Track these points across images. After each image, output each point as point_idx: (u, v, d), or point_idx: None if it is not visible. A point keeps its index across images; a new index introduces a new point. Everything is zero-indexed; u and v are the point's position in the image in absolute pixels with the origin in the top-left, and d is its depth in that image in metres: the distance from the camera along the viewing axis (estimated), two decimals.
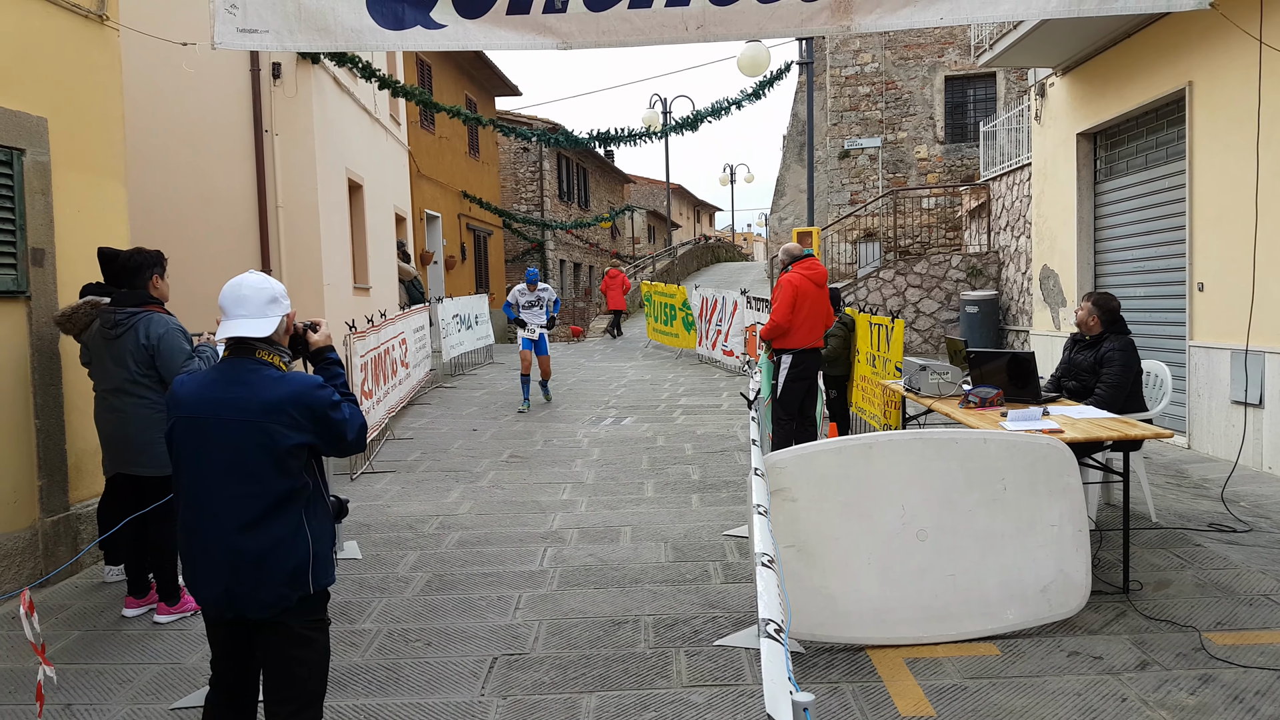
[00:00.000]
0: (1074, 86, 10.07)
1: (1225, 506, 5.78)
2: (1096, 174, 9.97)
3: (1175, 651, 3.69)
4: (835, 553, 3.89)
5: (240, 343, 2.49)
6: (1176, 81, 7.96)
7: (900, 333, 6.44)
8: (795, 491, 3.89)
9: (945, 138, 21.50)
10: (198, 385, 2.50)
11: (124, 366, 4.35)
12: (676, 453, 8.28)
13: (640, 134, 14.32)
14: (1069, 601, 4.01)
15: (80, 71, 5.60)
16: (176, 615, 4.43)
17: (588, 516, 6.20)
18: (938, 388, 5.37)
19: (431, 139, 19.10)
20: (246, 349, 2.49)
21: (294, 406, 2.41)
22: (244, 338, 2.47)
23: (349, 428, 2.51)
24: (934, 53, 21.66)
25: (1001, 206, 14.31)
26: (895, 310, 14.46)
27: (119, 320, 4.37)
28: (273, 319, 2.50)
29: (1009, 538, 3.98)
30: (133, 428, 4.38)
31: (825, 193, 22.19)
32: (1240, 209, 7.03)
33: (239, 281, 2.53)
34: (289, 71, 10.11)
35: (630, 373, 14.42)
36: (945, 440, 4.00)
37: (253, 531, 2.39)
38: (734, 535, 5.57)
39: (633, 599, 4.56)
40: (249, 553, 2.39)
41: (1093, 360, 5.33)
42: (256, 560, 2.39)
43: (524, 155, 26.18)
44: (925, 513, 3.92)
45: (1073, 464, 4.04)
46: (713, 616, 4.28)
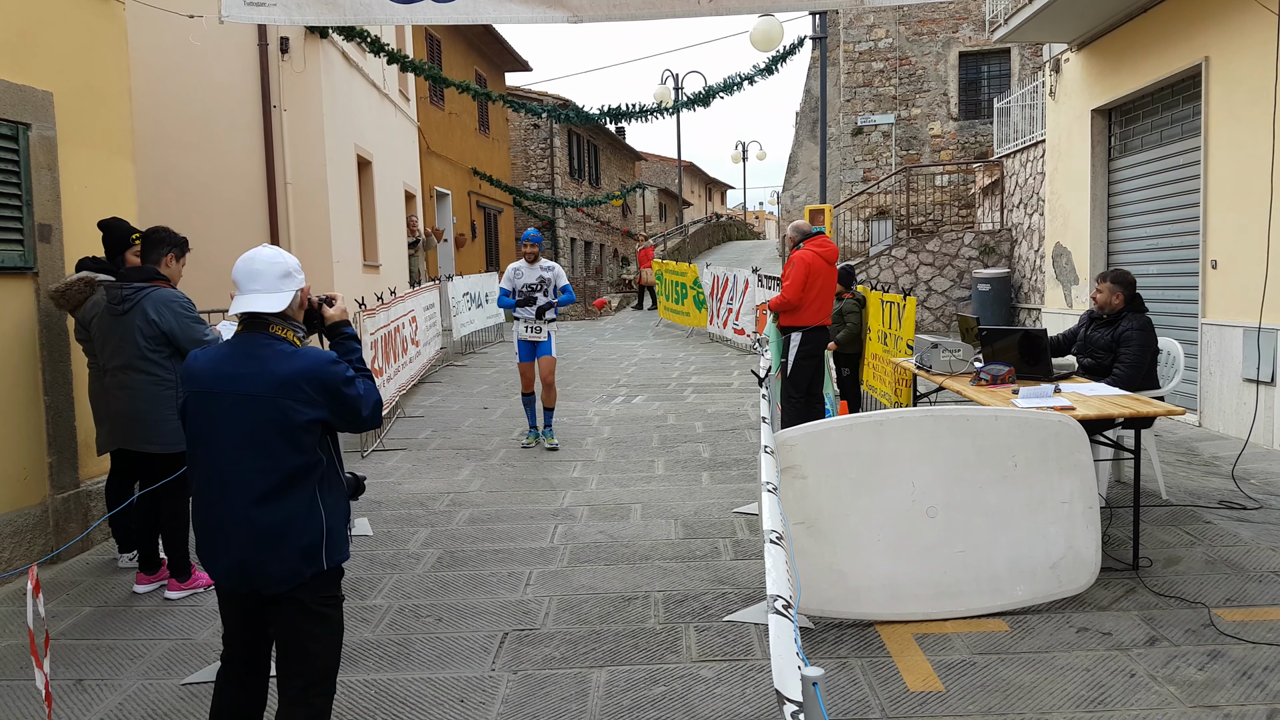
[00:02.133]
0: (1089, 62, 9.92)
1: (1236, 484, 5.75)
2: (1111, 151, 9.85)
3: (1184, 628, 3.68)
4: (845, 529, 3.89)
5: (254, 318, 2.47)
6: (1193, 57, 7.83)
7: (912, 310, 6.40)
8: (805, 469, 3.89)
9: (959, 114, 21.26)
10: (211, 360, 2.49)
11: (133, 343, 4.31)
12: (687, 431, 8.28)
13: (652, 110, 14.23)
14: (1079, 578, 4.00)
15: (86, 46, 5.59)
16: (188, 591, 4.47)
17: (598, 494, 6.21)
18: (949, 365, 5.34)
19: (441, 115, 19.01)
20: (260, 324, 2.47)
21: (307, 382, 2.39)
22: (257, 313, 2.46)
23: (364, 404, 2.49)
24: (948, 28, 21.38)
25: (1015, 184, 14.17)
26: (907, 288, 14.38)
27: (125, 296, 4.33)
28: (286, 294, 2.48)
29: (1019, 514, 3.97)
30: (144, 404, 4.36)
31: (838, 170, 22.02)
32: (1255, 186, 6.93)
33: (252, 256, 2.50)
34: (297, 46, 10.06)
35: (641, 351, 14.41)
36: (956, 417, 3.98)
37: (266, 506, 2.39)
38: (744, 512, 5.58)
39: (643, 575, 4.58)
40: (262, 527, 2.39)
41: (1110, 339, 5.28)
42: (270, 534, 2.39)
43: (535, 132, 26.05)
44: (935, 489, 3.91)
45: (1084, 441, 4.01)
46: (722, 593, 4.29)
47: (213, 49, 9.73)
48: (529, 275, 7.53)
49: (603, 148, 31.27)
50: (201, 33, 7.42)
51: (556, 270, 7.64)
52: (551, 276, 7.57)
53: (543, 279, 7.51)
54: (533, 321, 7.49)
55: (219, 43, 9.72)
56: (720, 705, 3.23)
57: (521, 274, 7.56)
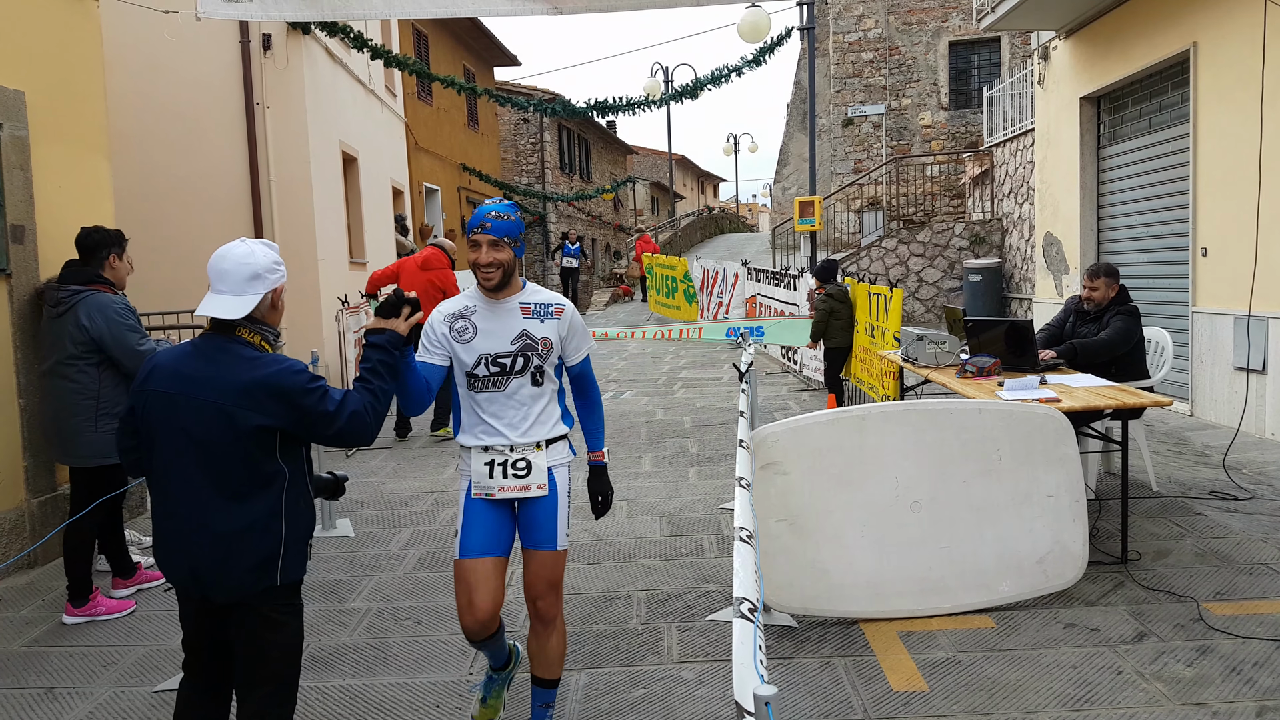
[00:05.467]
0: (1077, 49, 9.86)
1: (1227, 474, 5.71)
2: (1100, 138, 9.79)
3: (1173, 622, 3.63)
4: (828, 526, 3.83)
5: (221, 319, 2.37)
6: (1181, 42, 7.77)
7: (898, 302, 6.34)
8: (787, 464, 3.83)
9: (949, 104, 21.19)
10: (171, 359, 2.41)
11: (62, 348, 4.10)
12: (675, 426, 8.22)
13: (640, 102, 14.12)
14: (1066, 573, 3.96)
15: (60, 43, 5.49)
16: (85, 618, 4.15)
17: (583, 491, 6.06)
18: (935, 357, 5.28)
19: (429, 111, 18.88)
20: (226, 325, 2.38)
21: (263, 390, 2.29)
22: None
23: (334, 418, 2.33)
24: (937, 17, 21.30)
25: (1005, 173, 14.12)
26: (897, 280, 14.33)
27: (61, 298, 4.13)
28: (252, 297, 2.36)
29: (1005, 509, 3.92)
30: (62, 414, 4.11)
31: (829, 161, 21.94)
32: (1244, 172, 6.88)
33: (224, 252, 2.38)
34: (279, 43, 9.95)
35: (631, 346, 14.35)
36: (939, 410, 3.92)
37: (218, 515, 2.31)
38: (730, 508, 5.52)
39: (626, 574, 4.52)
40: (214, 535, 2.31)
41: (1096, 332, 5.23)
42: (222, 543, 2.31)
43: (524, 127, 25.91)
44: (919, 484, 3.85)
45: (1069, 433, 3.96)
46: (705, 591, 4.24)
47: (193, 46, 9.62)
48: (492, 321, 2.83)
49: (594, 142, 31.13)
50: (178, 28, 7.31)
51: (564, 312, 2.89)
52: (556, 328, 2.86)
53: (527, 335, 2.81)
54: (506, 447, 2.80)
55: (200, 40, 9.61)
56: (700, 708, 3.17)
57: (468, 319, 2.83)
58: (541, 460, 2.81)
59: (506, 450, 2.79)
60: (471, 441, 2.82)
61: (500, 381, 2.78)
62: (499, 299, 2.80)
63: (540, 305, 2.84)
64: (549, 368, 2.82)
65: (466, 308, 2.83)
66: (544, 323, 2.82)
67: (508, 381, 2.78)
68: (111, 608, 4.19)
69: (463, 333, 2.78)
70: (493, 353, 2.76)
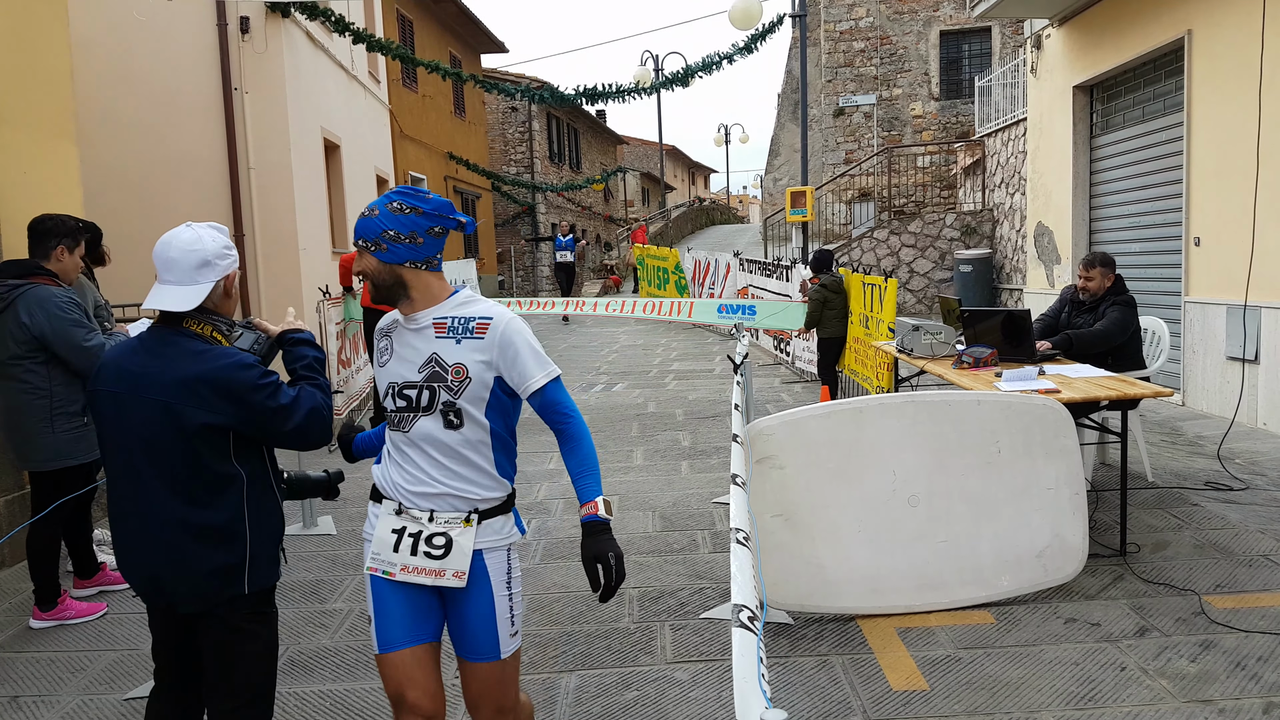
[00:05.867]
0: (1070, 38, 9.77)
1: (1221, 464, 5.65)
2: (1093, 128, 9.72)
3: (1175, 616, 3.56)
4: (824, 521, 3.74)
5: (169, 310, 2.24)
6: (1175, 30, 7.69)
7: (893, 293, 6.25)
8: (783, 458, 3.73)
9: (940, 94, 21.11)
10: (119, 355, 2.27)
11: (5, 346, 3.82)
12: (667, 419, 8.11)
13: (630, 90, 13.97)
14: (1065, 567, 3.88)
15: (22, 23, 5.30)
16: (53, 622, 3.99)
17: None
18: (930, 348, 5.19)
19: (415, 98, 18.64)
20: (175, 317, 2.24)
21: (207, 385, 2.14)
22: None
23: (288, 415, 2.20)
24: (929, 6, 21.19)
25: (996, 163, 14.05)
26: (889, 270, 14.25)
27: (0, 294, 3.81)
28: (201, 286, 2.21)
29: (1003, 502, 3.83)
30: (14, 416, 3.84)
31: (820, 152, 21.83)
32: (1239, 161, 6.82)
33: (168, 239, 2.23)
34: (258, 26, 9.73)
35: (622, 338, 14.23)
36: (937, 402, 3.83)
37: (176, 519, 2.18)
38: (723, 503, 5.42)
39: None
40: (172, 541, 2.18)
41: (1093, 323, 5.14)
42: (180, 550, 2.18)
43: (513, 115, 25.65)
44: (917, 478, 3.76)
45: (1069, 425, 3.88)
46: (699, 588, 4.14)
47: (168, 29, 9.40)
48: (405, 341, 2.21)
49: (583, 131, 30.91)
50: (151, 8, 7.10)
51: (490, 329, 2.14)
52: (477, 351, 2.14)
53: (437, 360, 2.14)
54: (423, 514, 2.17)
55: (175, 22, 9.39)
56: (695, 710, 3.07)
57: (391, 336, 2.26)
58: (467, 540, 2.13)
59: (423, 519, 2.14)
60: (387, 489, 2.21)
61: (405, 420, 2.17)
62: (412, 313, 2.19)
63: (459, 321, 2.14)
64: (471, 406, 2.12)
65: (392, 323, 2.26)
66: (460, 343, 2.12)
67: (413, 421, 2.15)
68: (81, 611, 4.04)
69: (382, 353, 2.25)
70: (400, 382, 2.17)
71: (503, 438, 2.21)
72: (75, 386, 3.83)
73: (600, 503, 2.17)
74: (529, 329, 2.21)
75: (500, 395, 2.16)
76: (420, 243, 2.13)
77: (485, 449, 2.18)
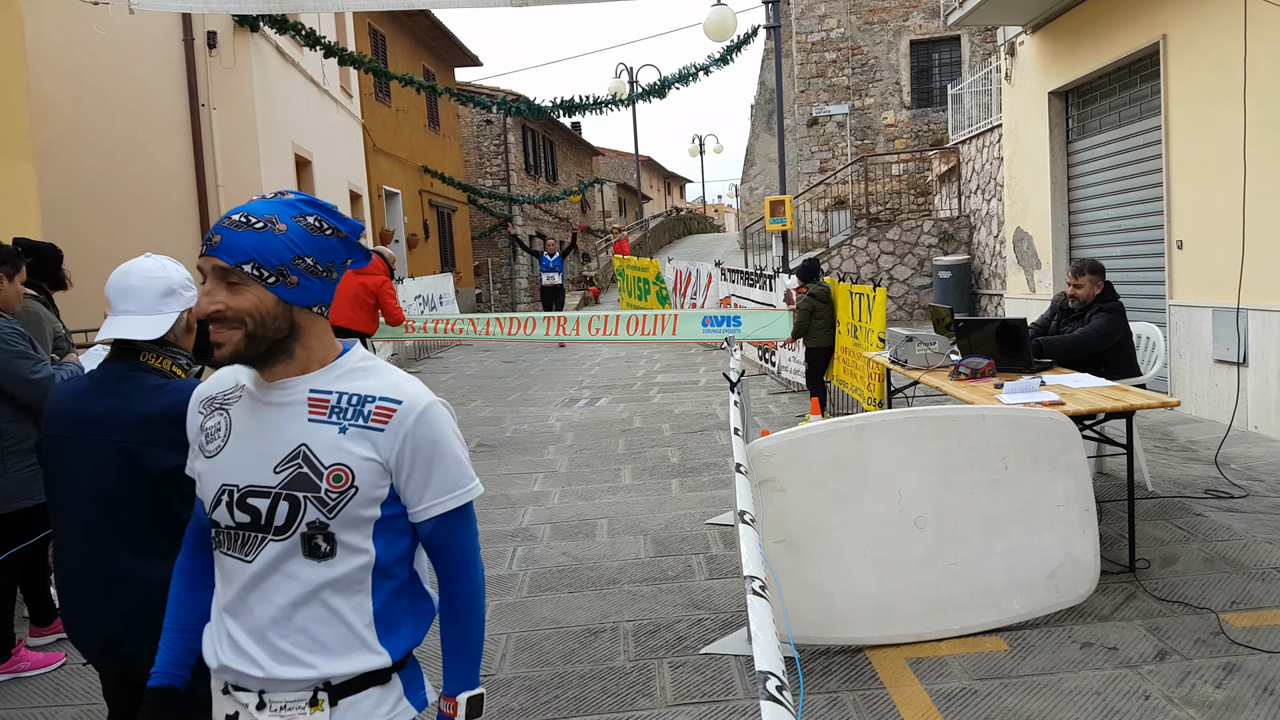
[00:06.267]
0: (1044, 44, 9.77)
1: (1219, 470, 5.57)
2: (1069, 133, 9.71)
3: (1193, 637, 3.44)
4: (828, 545, 3.58)
5: (124, 345, 2.07)
6: (1150, 35, 7.68)
7: (882, 302, 6.13)
8: (784, 480, 3.57)
9: (912, 103, 21.22)
10: (66, 396, 2.09)
11: None
12: (654, 434, 7.94)
13: (606, 102, 13.85)
14: (1078, 587, 3.75)
15: None
16: (7, 675, 3.72)
17: (561, 509, 5.85)
18: (925, 359, 5.07)
19: (388, 112, 18.40)
20: (130, 352, 2.07)
21: (171, 423, 1.94)
22: (129, 339, 2.04)
23: None
24: (899, 16, 21.33)
25: (972, 170, 14.06)
26: (869, 277, 14.21)
27: None
28: (166, 316, 2.05)
29: (1012, 520, 3.70)
30: None
31: (795, 161, 21.84)
32: (1219, 163, 6.79)
33: (127, 269, 2.07)
34: (226, 41, 9.52)
35: (605, 349, 14.06)
36: (941, 418, 3.69)
37: (134, 576, 1.99)
38: (717, 524, 5.26)
39: (610, 603, 4.23)
40: (128, 600, 1.99)
41: None
42: (139, 611, 1.97)
43: (488, 128, 25.44)
44: (923, 497, 3.62)
45: (1076, 438, 3.76)
46: (698, 619, 3.96)
47: (133, 44, 9.16)
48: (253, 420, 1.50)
49: (559, 143, 30.76)
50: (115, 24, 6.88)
51: (397, 418, 1.46)
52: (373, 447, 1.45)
53: (306, 455, 1.44)
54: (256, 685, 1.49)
55: (140, 38, 9.16)
56: None
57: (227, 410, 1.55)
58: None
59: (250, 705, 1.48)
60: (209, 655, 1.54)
61: (248, 544, 1.46)
62: (271, 380, 1.48)
63: (350, 399, 1.45)
64: (345, 531, 1.43)
65: (234, 389, 1.55)
66: (347, 432, 1.44)
67: (259, 547, 1.45)
68: (36, 662, 3.77)
69: (212, 436, 1.53)
70: (242, 484, 1.46)
71: (396, 575, 1.49)
72: (27, 422, 3.58)
73: (463, 702, 1.50)
74: (453, 420, 1.55)
75: (398, 515, 1.49)
76: (334, 279, 1.50)
77: (362, 594, 1.46)
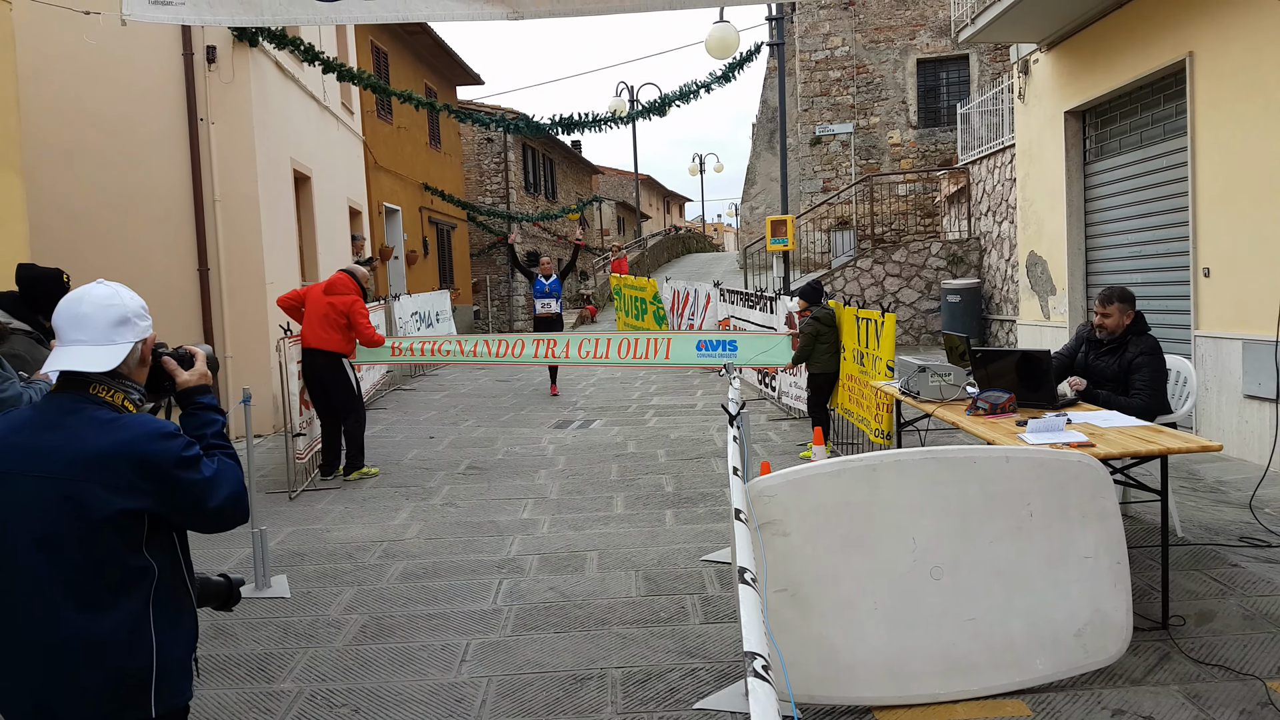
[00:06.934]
0: (1060, 62, 9.53)
1: (1253, 515, 5.25)
2: (1086, 154, 9.45)
3: (1238, 708, 3.12)
4: (835, 596, 3.28)
5: (72, 376, 1.88)
6: (1176, 52, 7.43)
7: (891, 328, 5.84)
8: (787, 524, 3.27)
9: (918, 122, 21.02)
10: (6, 428, 1.88)
11: None
12: (648, 460, 7.64)
13: (606, 119, 13.63)
14: (1108, 647, 3.43)
15: None
16: None
17: (550, 539, 5.55)
18: (940, 391, 4.77)
19: (389, 129, 18.24)
20: (78, 383, 1.88)
21: (124, 460, 1.79)
22: (77, 371, 1.86)
23: (212, 491, 1.87)
24: (905, 35, 21.17)
25: (982, 191, 13.81)
26: (874, 300, 13.93)
27: None
28: (120, 346, 1.89)
29: (1037, 573, 3.39)
30: None
31: (797, 180, 21.63)
32: (1250, 186, 6.51)
33: (78, 296, 1.92)
34: (225, 55, 9.30)
35: (600, 370, 13.76)
36: (961, 459, 3.39)
37: (66, 628, 1.79)
38: (713, 560, 4.95)
39: (598, 646, 3.92)
40: (60, 656, 1.78)
41: (1118, 368, 4.71)
42: (71, 666, 1.78)
43: (488, 146, 25.33)
44: (940, 546, 3.32)
45: (1108, 484, 3.46)
46: (691, 669, 3.65)
47: (131, 57, 8.95)
48: None
49: (559, 161, 30.64)
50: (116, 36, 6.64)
51: None
52: None
53: None
54: None
55: (138, 51, 8.95)
56: None
57: None
58: None
59: None
60: None
61: None
62: None
63: None
64: None
65: None
66: None
67: None
68: None
69: None
70: None
71: None
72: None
73: None
74: None
75: None
76: None
77: None
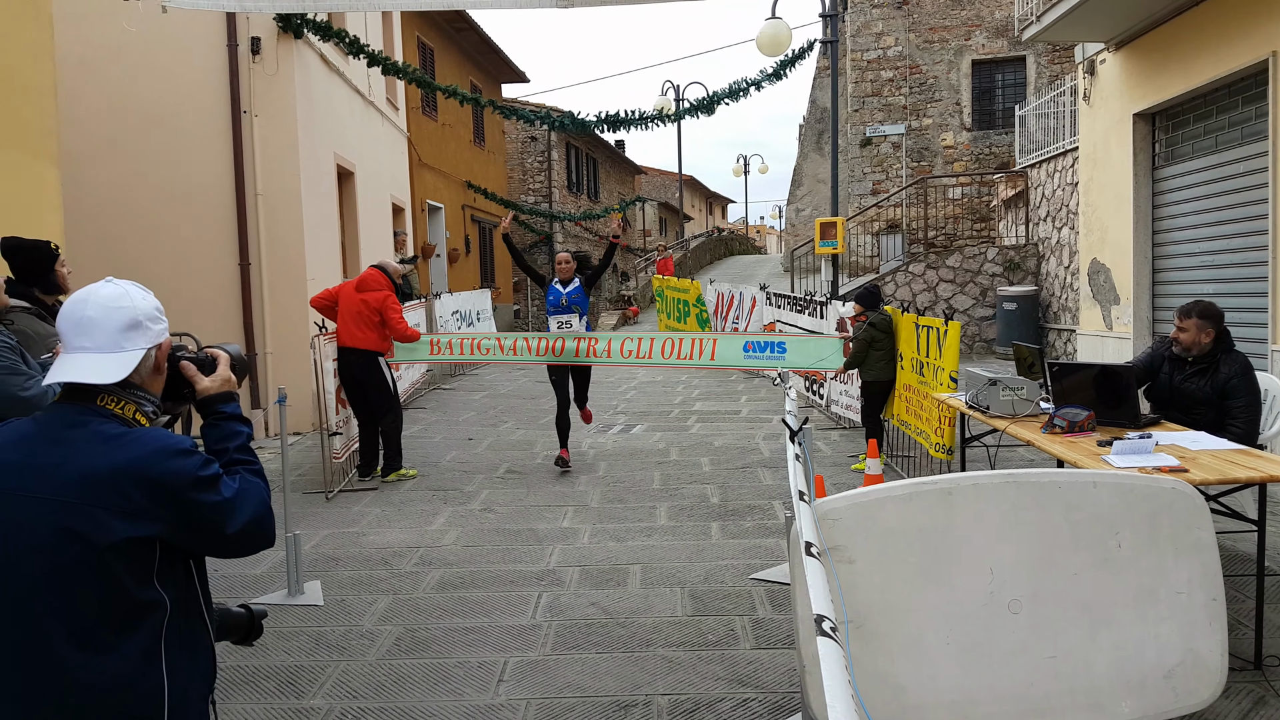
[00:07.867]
0: (1129, 63, 9.12)
1: None
2: (1155, 158, 9.04)
3: None
4: (904, 629, 3.03)
5: (77, 386, 1.69)
6: (1256, 53, 7.03)
7: (955, 337, 5.55)
8: (852, 550, 3.03)
9: (972, 124, 20.51)
10: (4, 442, 1.69)
11: None
12: (692, 468, 7.42)
13: (650, 117, 13.43)
14: (1200, 690, 3.13)
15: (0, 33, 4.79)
16: None
17: (591, 550, 5.36)
18: (1011, 406, 4.48)
19: (434, 126, 18.25)
20: (84, 394, 1.69)
21: (132, 481, 1.59)
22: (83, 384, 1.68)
23: (232, 514, 1.67)
24: (960, 35, 20.69)
25: (1041, 195, 13.36)
26: (926, 306, 13.55)
27: None
28: (130, 354, 1.69)
29: (1124, 608, 3.11)
30: None
31: (846, 182, 21.24)
32: None
33: (83, 296, 1.72)
34: (269, 47, 9.27)
35: (641, 373, 13.57)
36: (1045, 484, 3.12)
37: (67, 665, 1.60)
38: (764, 580, 4.71)
39: (643, 669, 3.72)
40: (61, 696, 1.60)
41: (1210, 390, 4.36)
42: (73, 707, 1.61)
43: (532, 145, 25.31)
44: (1019, 577, 3.05)
45: (1204, 513, 3.15)
46: (743, 699, 3.43)
47: (175, 48, 8.96)
48: None
49: (601, 161, 30.53)
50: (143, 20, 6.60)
51: None
52: None
53: None
54: None
55: (182, 41, 8.96)
56: None
57: None
58: None
59: None
60: None
61: None
62: None
63: None
64: None
65: None
66: None
67: None
68: None
69: None
70: None
71: None
72: None
73: None
74: None
75: None
76: None
77: None
